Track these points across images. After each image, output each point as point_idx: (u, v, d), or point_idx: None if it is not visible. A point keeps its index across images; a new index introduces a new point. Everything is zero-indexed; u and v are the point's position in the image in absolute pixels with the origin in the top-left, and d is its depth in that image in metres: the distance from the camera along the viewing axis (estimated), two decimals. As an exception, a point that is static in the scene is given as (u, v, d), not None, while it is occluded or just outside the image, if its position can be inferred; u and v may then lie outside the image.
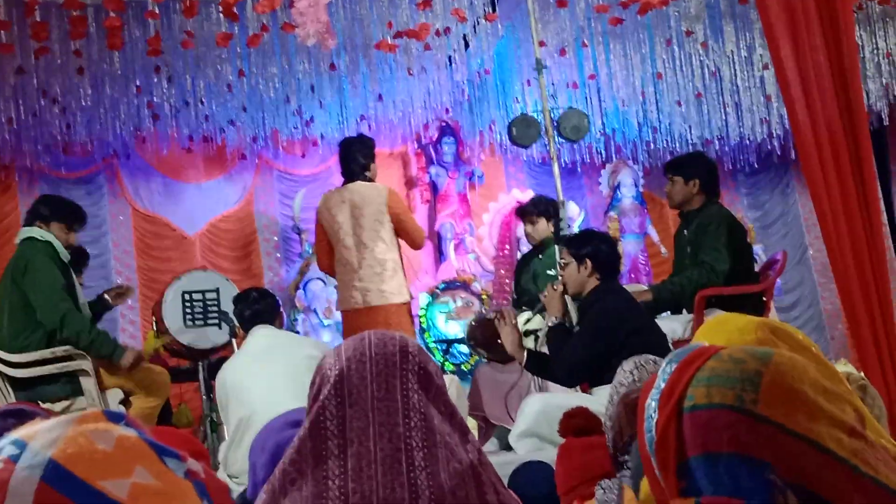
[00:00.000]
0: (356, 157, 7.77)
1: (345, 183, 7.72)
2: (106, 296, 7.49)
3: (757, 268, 7.39)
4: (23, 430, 1.24)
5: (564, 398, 5.92)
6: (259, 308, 6.25)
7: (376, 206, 7.54)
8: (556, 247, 7.55)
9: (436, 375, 2.00)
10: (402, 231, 7.67)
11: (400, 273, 7.63)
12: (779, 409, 1.41)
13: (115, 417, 1.25)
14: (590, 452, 3.41)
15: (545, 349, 6.74)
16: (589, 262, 6.04)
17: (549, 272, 8.36)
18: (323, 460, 1.91)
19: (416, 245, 7.89)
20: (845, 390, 1.48)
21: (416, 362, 1.97)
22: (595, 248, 6.07)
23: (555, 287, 6.28)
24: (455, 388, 6.82)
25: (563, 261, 6.23)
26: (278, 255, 12.62)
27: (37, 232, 6.59)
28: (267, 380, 5.64)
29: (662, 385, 1.52)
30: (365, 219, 7.51)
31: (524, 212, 8.80)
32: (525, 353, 6.17)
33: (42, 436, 1.20)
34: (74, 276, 6.84)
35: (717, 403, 1.44)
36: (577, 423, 3.67)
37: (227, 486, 1.29)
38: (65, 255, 6.67)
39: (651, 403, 1.54)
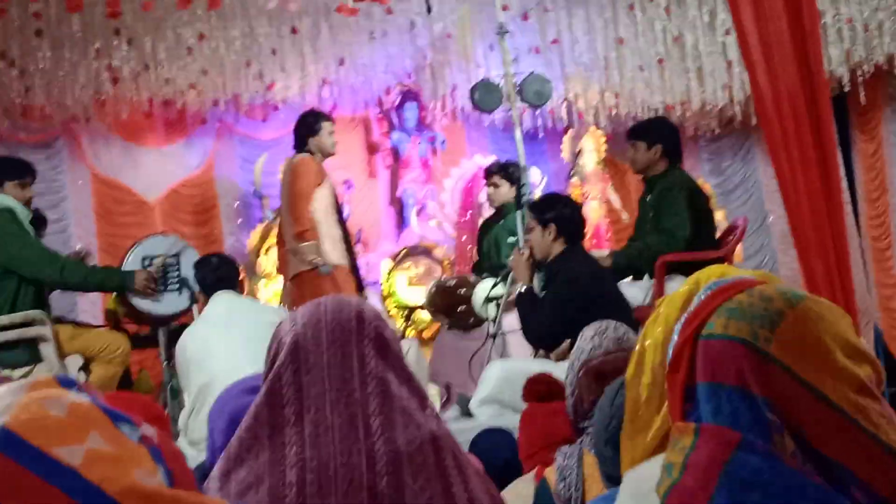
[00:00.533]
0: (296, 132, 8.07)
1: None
2: (68, 260, 7.45)
3: (718, 234, 7.42)
4: None
5: (526, 364, 5.94)
6: (220, 274, 6.24)
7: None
8: (519, 213, 7.56)
9: (393, 341, 1.99)
10: None
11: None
12: (790, 352, 1.42)
13: (66, 383, 1.24)
14: (552, 418, 3.42)
15: (508, 318, 6.77)
16: (553, 227, 6.06)
17: (509, 239, 8.37)
18: (279, 427, 1.91)
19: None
20: (870, 352, 1.49)
21: (372, 328, 1.96)
22: (558, 212, 6.09)
23: (521, 252, 6.30)
24: (414, 352, 6.82)
25: (527, 225, 6.25)
26: (239, 220, 12.57)
27: None
28: (227, 346, 5.63)
29: (692, 309, 1.54)
30: None
31: (488, 172, 8.81)
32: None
33: None
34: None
35: (732, 335, 1.45)
36: (539, 389, 3.69)
37: (182, 452, 1.28)
38: (26, 216, 6.63)
39: (678, 326, 1.56)
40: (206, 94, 11.42)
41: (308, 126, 7.98)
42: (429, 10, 9.93)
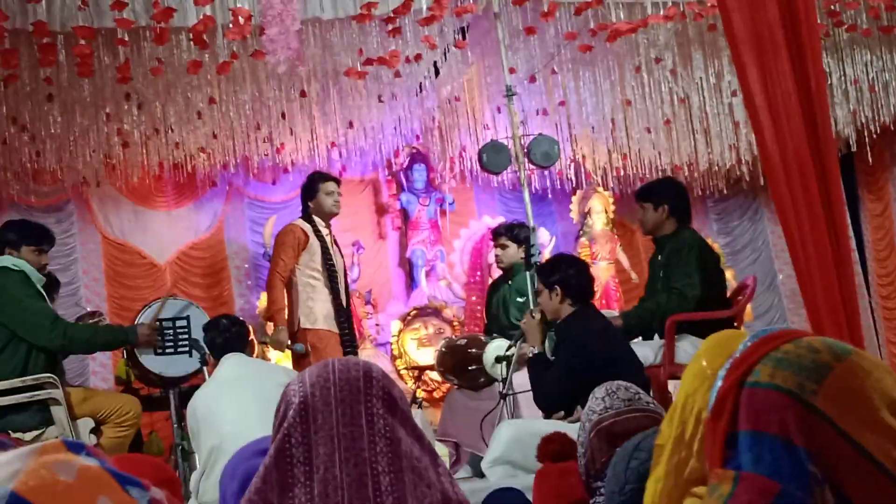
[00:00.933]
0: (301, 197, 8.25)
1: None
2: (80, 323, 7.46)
3: (728, 293, 7.41)
4: None
5: (538, 425, 5.92)
6: (229, 336, 6.21)
7: None
8: (528, 274, 7.56)
9: (400, 400, 1.99)
10: None
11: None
12: (836, 405, 1.41)
13: (75, 448, 1.24)
14: (566, 477, 3.41)
15: (519, 378, 6.76)
16: (559, 289, 6.06)
17: (518, 299, 8.37)
18: (289, 487, 1.90)
19: None
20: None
21: (380, 387, 1.96)
22: (563, 273, 6.09)
23: (533, 315, 6.30)
24: (420, 419, 6.81)
25: (536, 288, 6.25)
26: (248, 282, 12.59)
27: (9, 261, 6.54)
28: (238, 408, 5.60)
29: (737, 355, 1.53)
30: None
31: (495, 233, 8.82)
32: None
33: (2, 469, 1.19)
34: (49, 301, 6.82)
35: (778, 385, 1.44)
36: (554, 448, 3.68)
37: None
38: (39, 280, 6.65)
39: (721, 372, 1.54)
40: (216, 158, 11.47)
41: (307, 189, 8.10)
42: (437, 73, 10.01)
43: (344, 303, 7.95)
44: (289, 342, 7.76)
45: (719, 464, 1.50)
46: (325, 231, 8.01)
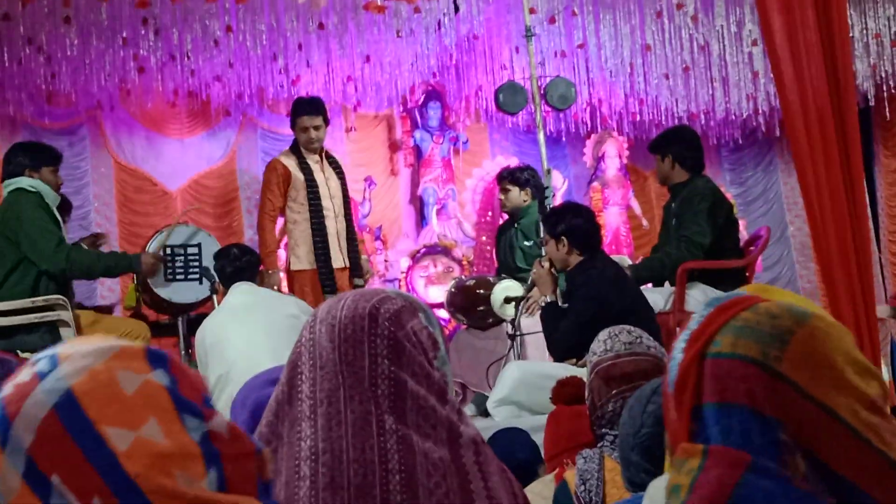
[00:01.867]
0: None
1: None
2: (82, 244, 7.48)
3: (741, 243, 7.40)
4: (66, 345, 1.22)
5: (544, 367, 5.94)
6: (240, 265, 6.23)
7: None
8: (541, 217, 7.54)
9: (406, 340, 1.96)
10: None
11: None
12: (801, 370, 1.39)
13: (154, 360, 1.22)
14: (577, 420, 3.41)
15: (527, 319, 6.77)
16: (565, 239, 6.04)
17: (525, 243, 8.36)
18: (297, 422, 1.91)
19: None
20: (875, 367, 1.47)
21: (385, 327, 1.94)
22: (568, 223, 6.05)
23: (542, 264, 6.28)
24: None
25: (543, 239, 6.24)
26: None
27: (26, 182, 6.55)
28: (247, 337, 5.62)
29: (694, 327, 1.50)
30: None
31: (499, 177, 8.79)
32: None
33: (74, 361, 1.18)
34: (62, 224, 6.84)
35: (741, 354, 1.42)
36: (568, 392, 3.69)
37: (252, 454, 1.25)
38: (55, 201, 6.66)
39: (679, 344, 1.52)
40: (231, 87, 11.44)
41: (290, 119, 7.79)
42: (456, 9, 9.94)
43: (338, 236, 7.70)
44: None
45: (685, 437, 1.47)
46: (313, 161, 7.71)
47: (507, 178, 8.56)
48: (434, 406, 1.92)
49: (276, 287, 7.56)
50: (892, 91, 11.82)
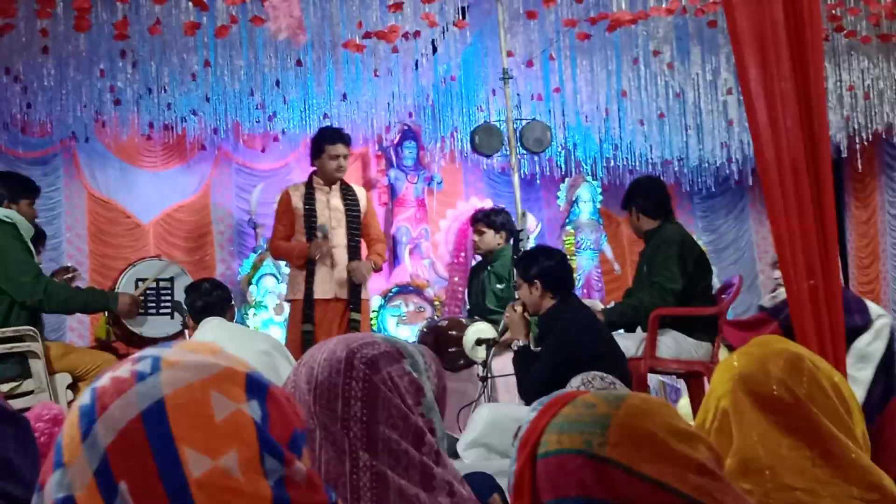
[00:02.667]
0: None
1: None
2: (54, 277, 7.43)
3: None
4: (175, 349, 1.21)
5: (515, 409, 5.92)
6: (210, 300, 6.20)
7: None
8: (515, 259, 7.54)
9: (382, 384, 1.98)
10: None
11: None
12: (625, 451, 1.43)
13: (253, 389, 1.20)
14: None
15: (498, 362, 6.76)
16: (538, 283, 6.04)
17: (497, 286, 8.36)
18: None
19: None
20: (703, 432, 1.51)
21: (360, 370, 1.96)
22: (540, 267, 6.06)
23: (515, 308, 6.28)
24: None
25: (516, 283, 6.24)
26: (231, 248, 12.57)
27: (2, 213, 6.52)
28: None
29: (524, 431, 1.55)
30: None
31: (473, 219, 8.79)
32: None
33: (175, 370, 1.16)
34: (35, 255, 6.80)
35: (567, 448, 1.46)
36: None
37: None
38: (29, 232, 6.63)
39: (513, 450, 1.57)
40: (207, 121, 11.44)
41: (313, 146, 7.73)
42: (434, 50, 9.98)
43: (333, 267, 7.55)
44: None
45: None
46: (323, 192, 7.65)
47: (482, 220, 8.56)
48: (407, 450, 1.93)
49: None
50: (864, 143, 11.92)
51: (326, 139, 7.62)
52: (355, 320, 7.47)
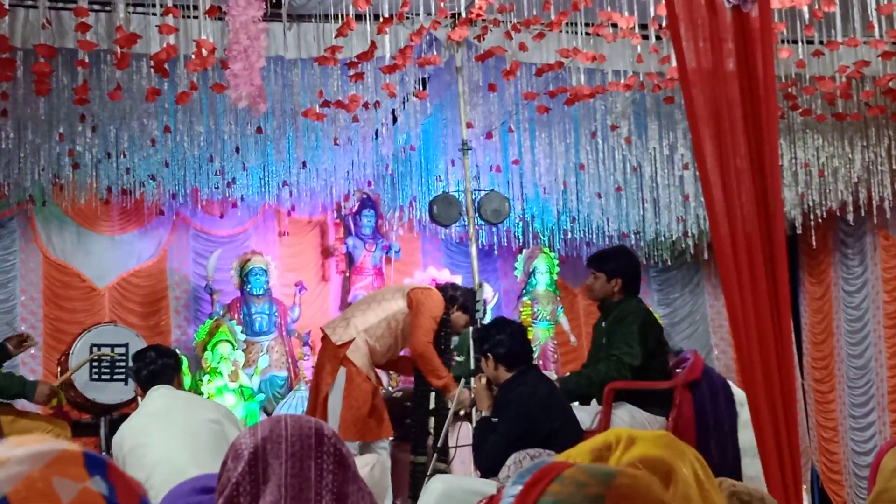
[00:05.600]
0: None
1: None
2: (7, 344, 7.36)
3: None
4: (2, 447, 1.19)
5: (468, 482, 5.91)
6: (155, 368, 6.07)
7: None
8: (470, 330, 7.56)
9: (349, 458, 2.03)
10: None
11: None
12: None
13: (93, 466, 1.19)
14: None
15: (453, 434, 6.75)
16: (490, 357, 6.07)
17: (456, 358, 8.36)
18: None
19: None
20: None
21: (331, 444, 2.00)
22: (494, 341, 6.09)
23: (480, 379, 6.29)
24: (379, 469, 6.73)
25: (475, 355, 6.26)
26: (187, 314, 12.51)
27: None
28: (165, 443, 5.53)
29: None
30: None
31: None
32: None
33: (10, 467, 1.15)
34: None
35: None
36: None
37: None
38: None
39: None
40: (166, 186, 11.42)
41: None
42: (394, 120, 10.03)
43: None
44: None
45: None
46: None
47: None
48: None
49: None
50: (819, 220, 12.03)
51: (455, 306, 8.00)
52: None
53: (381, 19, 7.52)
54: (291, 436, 2.00)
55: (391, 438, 7.93)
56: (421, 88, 9.14)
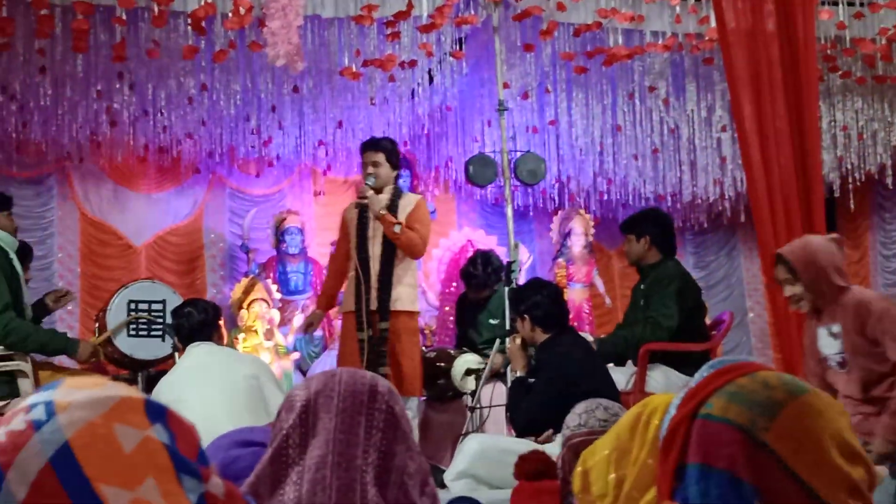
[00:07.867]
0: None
1: None
2: (46, 300, 7.39)
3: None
4: (62, 390, 1.19)
5: (504, 441, 5.92)
6: (195, 324, 6.07)
7: None
8: (506, 290, 7.53)
9: (402, 418, 2.04)
10: None
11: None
12: (786, 444, 1.41)
13: (154, 414, 1.19)
14: (538, 497, 3.40)
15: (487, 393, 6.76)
16: (527, 317, 6.06)
17: (490, 321, 8.35)
18: (280, 485, 1.95)
19: None
20: (865, 454, 1.47)
21: (384, 401, 2.01)
22: (530, 303, 6.08)
23: (515, 340, 6.30)
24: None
25: (511, 315, 6.25)
26: (223, 272, 12.54)
27: None
28: (203, 398, 5.53)
29: (692, 386, 1.52)
30: None
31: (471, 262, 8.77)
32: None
33: (72, 411, 1.15)
34: (21, 270, 6.73)
35: (730, 419, 1.43)
36: (529, 467, 3.68)
37: None
38: (12, 246, 6.56)
39: (675, 400, 1.54)
40: (202, 145, 11.43)
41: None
42: (431, 80, 10.01)
43: (376, 278, 7.14)
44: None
45: (668, 495, 1.49)
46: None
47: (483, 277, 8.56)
48: (415, 485, 1.98)
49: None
50: (857, 183, 11.94)
51: (361, 150, 7.56)
52: (383, 329, 7.03)
53: (419, -22, 7.50)
54: (344, 391, 2.02)
55: (424, 398, 7.92)
56: (458, 48, 9.11)
